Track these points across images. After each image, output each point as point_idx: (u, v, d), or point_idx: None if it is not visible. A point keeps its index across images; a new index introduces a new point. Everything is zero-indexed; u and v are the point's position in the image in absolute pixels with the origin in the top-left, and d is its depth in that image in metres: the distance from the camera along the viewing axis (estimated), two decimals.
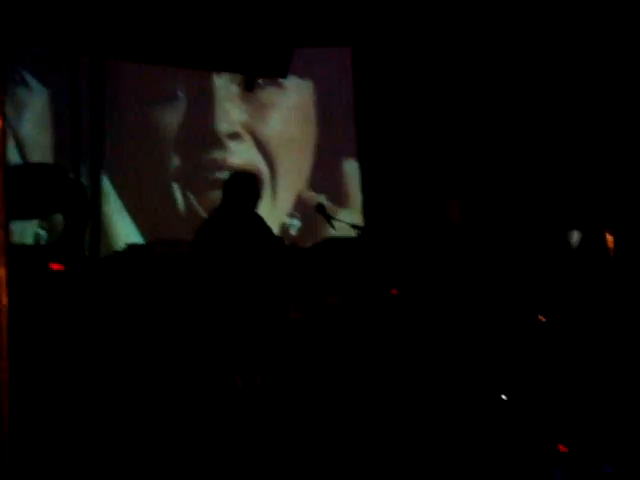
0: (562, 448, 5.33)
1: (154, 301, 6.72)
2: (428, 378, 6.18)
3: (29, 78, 8.59)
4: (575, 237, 7.16)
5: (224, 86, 8.65)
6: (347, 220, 7.08)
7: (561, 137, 8.30)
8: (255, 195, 5.80)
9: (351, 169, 8.75)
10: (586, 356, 6.26)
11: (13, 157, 8.23)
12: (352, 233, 7.12)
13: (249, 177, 5.92)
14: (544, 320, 6.59)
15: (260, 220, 5.77)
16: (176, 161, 8.63)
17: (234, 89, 8.67)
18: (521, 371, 6.25)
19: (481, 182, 8.27)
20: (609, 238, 7.01)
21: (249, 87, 8.48)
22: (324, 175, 8.75)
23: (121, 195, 8.55)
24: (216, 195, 6.24)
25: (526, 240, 7.60)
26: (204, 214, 7.84)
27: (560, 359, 6.30)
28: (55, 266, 6.88)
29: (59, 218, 7.85)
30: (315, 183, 8.72)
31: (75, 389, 5.92)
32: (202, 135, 8.68)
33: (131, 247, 7.89)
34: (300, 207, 8.61)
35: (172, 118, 8.64)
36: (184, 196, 8.61)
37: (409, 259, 6.97)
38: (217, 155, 8.62)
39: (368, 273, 6.94)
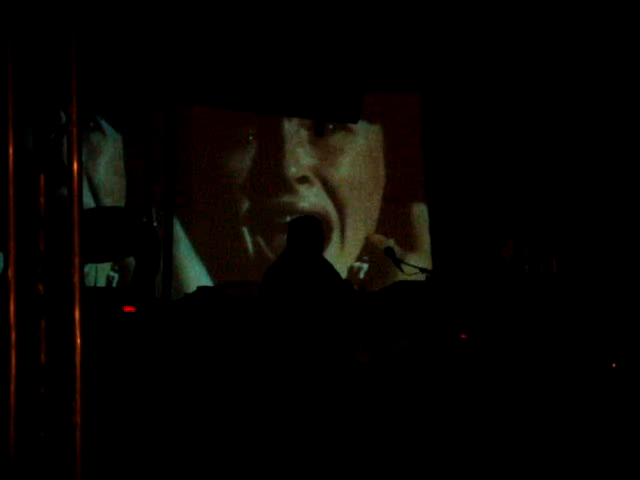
0: None
1: (224, 343, 6.77)
2: (494, 422, 6.13)
3: (104, 124, 8.79)
4: None
5: (294, 131, 8.76)
6: (416, 263, 7.08)
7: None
8: (319, 238, 5.83)
9: (419, 212, 8.76)
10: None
11: (88, 201, 8.40)
12: (421, 276, 7.11)
13: (312, 220, 5.95)
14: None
15: (326, 263, 5.80)
16: (246, 205, 8.73)
17: (304, 134, 8.76)
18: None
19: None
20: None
21: (319, 132, 8.55)
22: (393, 219, 8.77)
23: (192, 238, 8.67)
24: (284, 239, 6.31)
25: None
26: (273, 257, 7.90)
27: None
28: (128, 308, 6.98)
29: (131, 261, 7.97)
30: (384, 227, 8.74)
31: (147, 430, 5.97)
32: (272, 179, 8.77)
33: (201, 289, 7.97)
34: (369, 250, 8.63)
35: (243, 162, 8.76)
36: (253, 239, 8.70)
37: (477, 302, 6.94)
38: (286, 199, 8.70)
39: (437, 317, 6.91)
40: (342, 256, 8.38)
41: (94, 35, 6.83)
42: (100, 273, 8.46)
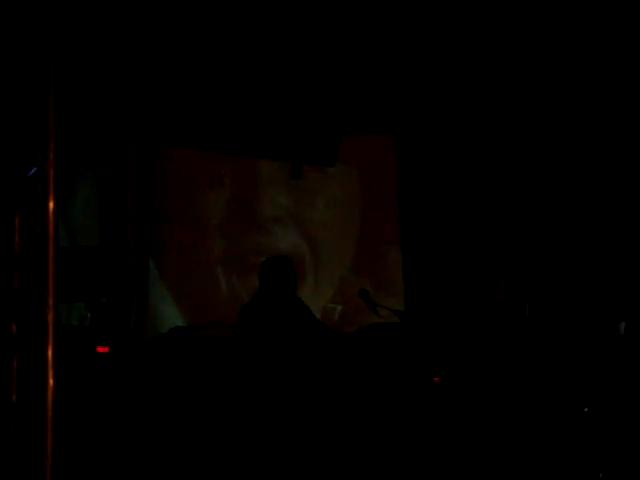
0: None
1: (198, 383, 6.74)
2: (467, 466, 6.13)
3: (80, 163, 8.77)
4: (622, 327, 7.14)
5: (270, 172, 8.78)
6: (390, 306, 7.09)
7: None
8: (291, 278, 5.86)
9: (394, 255, 8.79)
10: None
11: (62, 240, 8.35)
12: (395, 319, 7.12)
13: (284, 260, 5.99)
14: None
15: (300, 303, 5.81)
16: (220, 245, 8.73)
17: (280, 175, 8.79)
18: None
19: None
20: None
21: (295, 175, 8.59)
22: (367, 261, 8.80)
23: (166, 278, 8.64)
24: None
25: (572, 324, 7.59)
26: (247, 298, 7.89)
27: None
28: (101, 349, 6.94)
29: (104, 301, 7.93)
30: (358, 268, 8.77)
31: (119, 470, 5.93)
32: (247, 219, 8.79)
33: (175, 329, 7.94)
34: (343, 292, 8.64)
35: (218, 203, 8.77)
36: (228, 280, 8.68)
37: (451, 346, 6.96)
38: (261, 239, 8.71)
39: (411, 359, 6.92)
40: (316, 297, 8.38)
41: (72, 75, 6.85)
42: (73, 312, 8.41)
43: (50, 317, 3.62)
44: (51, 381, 3.61)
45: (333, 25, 7.48)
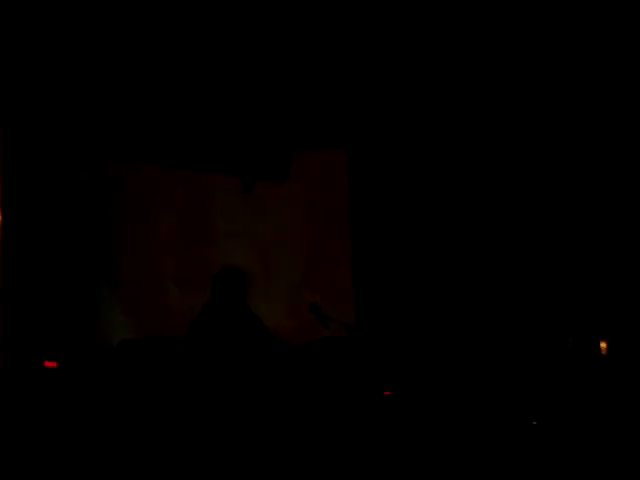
0: None
1: (148, 395, 6.72)
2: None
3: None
4: (570, 342, 7.23)
5: (222, 187, 8.78)
6: (340, 320, 7.11)
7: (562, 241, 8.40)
8: (242, 288, 5.91)
9: (345, 270, 8.83)
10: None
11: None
12: (345, 333, 7.15)
13: (235, 271, 6.05)
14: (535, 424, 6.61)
15: (250, 314, 5.85)
16: (172, 260, 8.71)
17: (232, 190, 8.80)
18: None
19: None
20: (603, 345, 7.08)
21: (247, 189, 8.60)
22: (318, 275, 8.83)
23: (117, 293, 8.60)
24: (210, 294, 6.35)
25: (520, 338, 7.66)
26: (198, 311, 7.88)
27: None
28: (49, 364, 6.90)
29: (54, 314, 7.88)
30: (309, 283, 8.79)
31: None
32: (198, 234, 8.78)
33: (124, 342, 7.90)
34: (294, 306, 8.65)
35: (169, 216, 8.75)
36: (179, 295, 8.66)
37: (401, 360, 7.01)
38: (212, 254, 8.70)
39: (361, 373, 6.95)
40: (267, 311, 8.37)
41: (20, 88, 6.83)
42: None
43: None
44: None
45: (285, 40, 7.53)
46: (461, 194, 8.59)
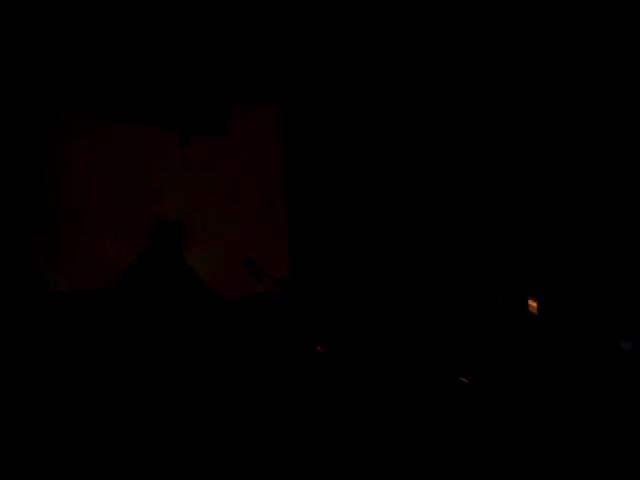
0: None
1: (79, 345, 6.72)
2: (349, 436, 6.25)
3: None
4: (500, 300, 7.36)
5: (159, 139, 8.75)
6: (274, 275, 7.16)
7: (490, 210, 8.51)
8: (178, 240, 5.93)
9: (280, 225, 8.89)
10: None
11: None
12: (279, 288, 7.20)
13: (172, 223, 6.08)
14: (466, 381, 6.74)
15: (185, 265, 5.88)
16: (108, 213, 8.67)
17: (169, 142, 8.77)
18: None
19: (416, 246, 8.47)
20: (532, 304, 7.22)
21: (184, 142, 8.58)
22: (254, 230, 8.87)
23: (52, 244, 8.54)
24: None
25: (454, 302, 7.78)
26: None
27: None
28: None
29: None
30: (245, 237, 8.83)
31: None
32: (134, 186, 8.74)
33: (59, 293, 7.87)
34: (229, 260, 8.68)
35: (106, 169, 8.70)
36: (114, 247, 8.63)
37: (335, 316, 7.08)
38: (149, 206, 8.68)
39: (293, 328, 7.02)
40: (202, 265, 8.40)
41: None
42: None
43: None
44: None
45: None
46: (394, 152, 8.66)
